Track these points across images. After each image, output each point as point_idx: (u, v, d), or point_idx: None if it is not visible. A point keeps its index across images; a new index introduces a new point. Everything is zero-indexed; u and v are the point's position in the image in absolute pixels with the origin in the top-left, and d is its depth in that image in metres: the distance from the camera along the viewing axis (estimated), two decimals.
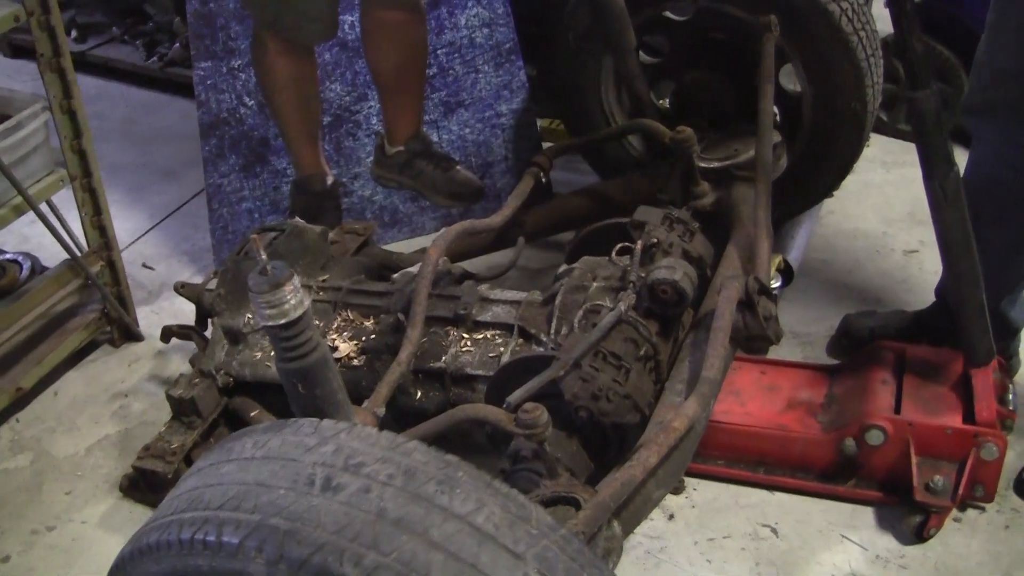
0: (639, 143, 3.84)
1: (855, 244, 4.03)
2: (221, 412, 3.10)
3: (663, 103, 3.84)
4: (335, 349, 3.02)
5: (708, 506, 2.95)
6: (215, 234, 4.01)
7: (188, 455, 3.00)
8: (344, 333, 3.08)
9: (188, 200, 4.62)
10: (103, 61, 5.79)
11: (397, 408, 2.87)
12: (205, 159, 3.97)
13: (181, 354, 3.64)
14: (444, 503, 1.64)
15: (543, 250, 3.91)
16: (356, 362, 2.99)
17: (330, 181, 3.91)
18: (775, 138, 3.24)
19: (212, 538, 1.66)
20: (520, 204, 3.31)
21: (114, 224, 3.60)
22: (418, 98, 3.97)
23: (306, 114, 3.76)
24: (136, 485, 3.10)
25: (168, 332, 3.34)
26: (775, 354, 3.11)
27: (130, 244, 4.33)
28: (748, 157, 3.19)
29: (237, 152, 3.97)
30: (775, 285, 3.48)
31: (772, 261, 3.45)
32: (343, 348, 3.02)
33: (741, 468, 2.99)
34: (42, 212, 3.28)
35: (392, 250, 3.66)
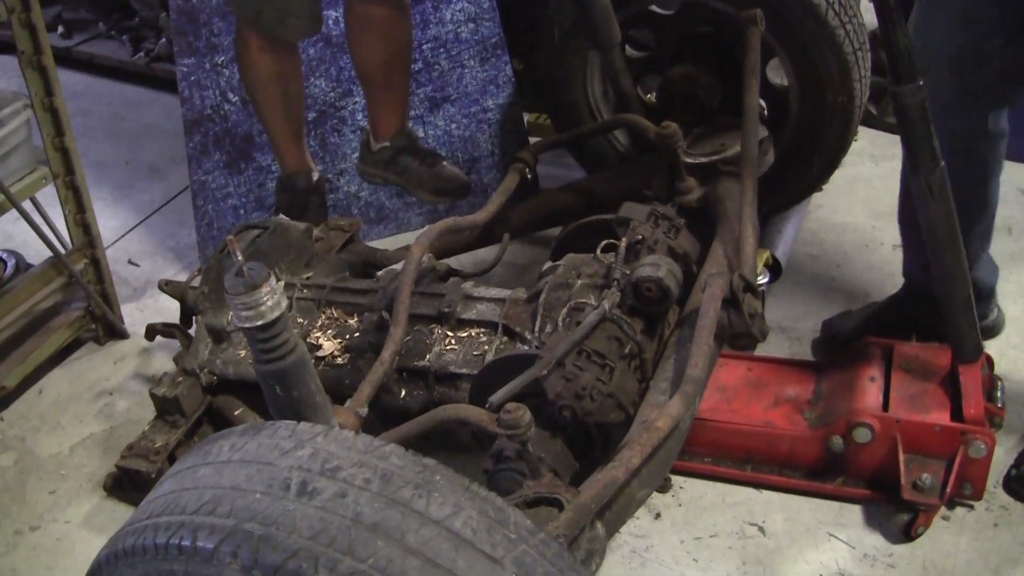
0: (625, 138, 3.82)
1: (843, 238, 4.01)
2: (205, 411, 3.09)
3: (650, 98, 3.81)
4: (319, 347, 3.01)
5: (695, 504, 2.94)
6: (200, 231, 3.99)
7: (172, 454, 2.98)
8: (328, 331, 3.06)
9: (173, 197, 4.60)
10: (89, 57, 5.77)
11: (381, 407, 2.85)
12: (189, 156, 3.94)
13: (166, 352, 3.62)
14: (421, 508, 1.63)
15: (529, 246, 3.89)
16: (340, 360, 2.98)
17: (315, 177, 3.89)
18: (761, 133, 3.22)
19: (187, 543, 1.64)
20: (505, 200, 3.29)
21: (99, 221, 3.58)
22: (403, 94, 3.96)
23: (290, 110, 3.75)
24: (120, 484, 3.09)
25: (152, 330, 3.32)
26: (762, 350, 3.11)
27: (115, 241, 4.31)
28: (734, 152, 3.16)
29: (221, 149, 3.95)
30: (762, 281, 3.46)
31: (759, 256, 3.44)
32: (327, 346, 3.01)
33: (728, 466, 2.97)
34: (24, 210, 3.26)
35: (377, 247, 3.64)
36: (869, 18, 3.14)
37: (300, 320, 3.11)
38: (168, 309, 3.68)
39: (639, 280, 2.61)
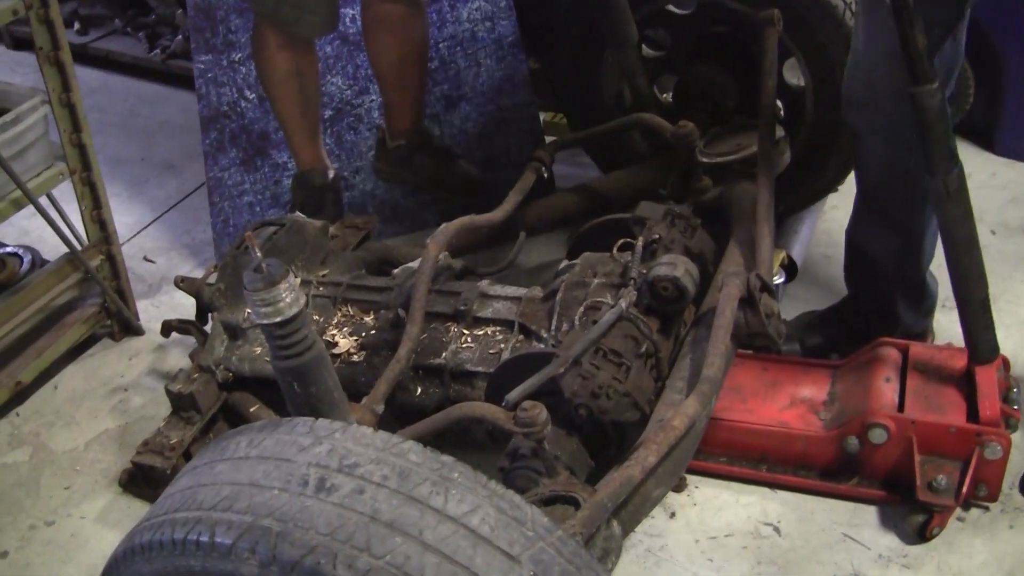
0: (642, 137, 3.81)
1: None
2: (220, 407, 3.09)
3: (666, 97, 3.81)
4: (335, 345, 3.01)
5: (709, 504, 2.93)
6: (216, 228, 3.99)
7: (187, 450, 2.98)
8: (344, 328, 3.06)
9: (189, 194, 4.60)
10: (105, 53, 5.76)
11: (396, 405, 2.85)
12: (205, 153, 3.94)
13: (181, 348, 3.63)
14: (439, 505, 1.64)
15: (545, 244, 3.88)
16: (355, 358, 2.98)
17: (331, 175, 3.89)
18: (778, 133, 3.22)
19: (205, 539, 1.65)
20: (521, 199, 3.29)
21: (115, 218, 3.59)
22: (419, 92, 3.95)
23: (306, 108, 3.75)
24: (135, 480, 3.09)
25: (167, 326, 3.32)
26: None
27: (131, 238, 4.32)
28: (750, 152, 3.16)
29: (237, 146, 3.95)
30: (778, 281, 3.46)
31: (775, 256, 3.43)
32: (342, 344, 3.01)
33: (743, 466, 2.96)
34: (41, 206, 3.26)
35: (392, 244, 3.64)
36: None
37: (316, 317, 3.12)
38: (183, 306, 3.69)
39: (656, 279, 2.61)
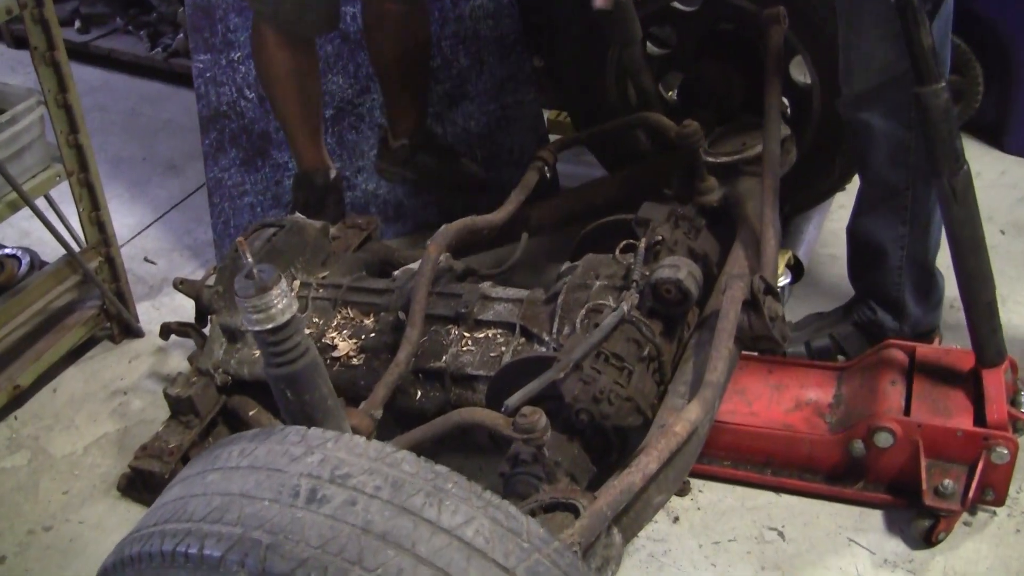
0: (646, 136, 3.77)
1: None
2: (219, 411, 3.06)
3: (671, 95, 3.77)
4: (334, 347, 2.98)
5: (713, 508, 2.90)
6: (216, 229, 3.97)
7: (186, 455, 2.96)
8: (343, 331, 3.03)
9: (191, 193, 4.58)
10: (106, 52, 5.74)
11: (397, 409, 2.83)
12: (205, 153, 3.92)
13: (182, 351, 3.60)
14: (432, 516, 1.61)
15: (548, 244, 3.85)
16: (355, 361, 2.95)
17: (332, 175, 3.86)
18: (784, 132, 3.18)
19: (194, 551, 1.63)
20: (523, 200, 3.25)
21: (116, 218, 3.56)
22: (422, 90, 3.92)
23: (307, 107, 3.71)
24: (134, 485, 3.06)
25: (167, 329, 3.30)
26: None
27: (132, 238, 4.29)
28: (756, 152, 3.12)
29: (238, 146, 3.93)
30: (784, 281, 3.42)
31: (781, 256, 3.40)
32: (342, 347, 2.98)
33: (747, 469, 2.93)
34: (37, 208, 3.23)
35: (394, 245, 3.62)
36: None
37: (316, 320, 3.09)
38: (184, 308, 3.66)
39: (658, 282, 2.58)
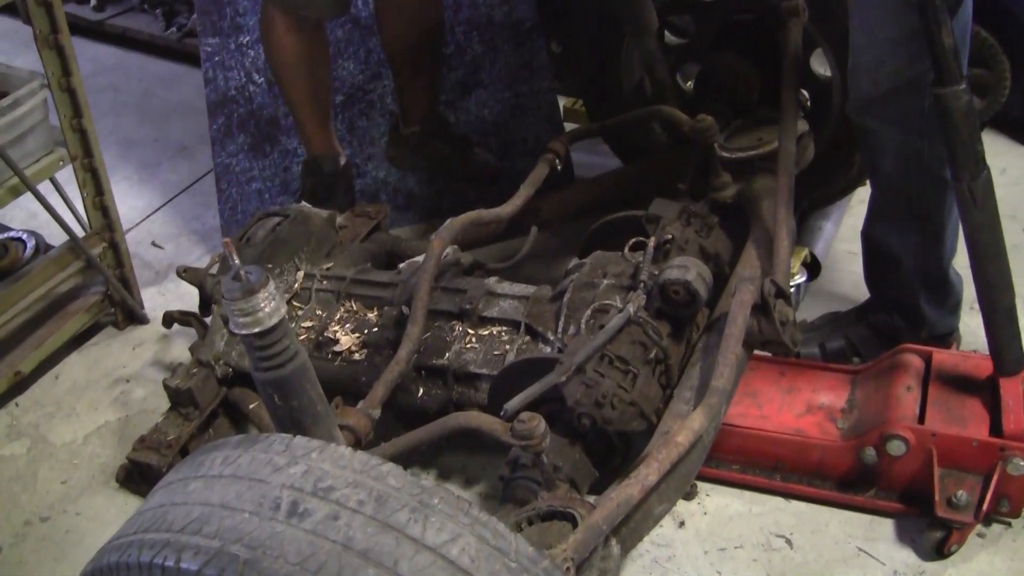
0: (662, 128, 3.70)
1: None
2: (220, 403, 3.02)
3: (690, 86, 3.70)
4: (336, 341, 2.93)
5: (720, 513, 2.83)
6: (223, 215, 3.92)
7: (184, 447, 2.92)
8: (346, 325, 2.98)
9: (201, 177, 4.53)
10: (121, 31, 5.71)
11: (398, 406, 2.78)
12: (213, 138, 3.87)
13: (185, 339, 3.55)
14: (416, 533, 1.55)
15: (562, 236, 3.78)
16: (357, 356, 2.90)
17: (342, 162, 3.80)
18: (802, 127, 3.10)
19: (171, 563, 1.58)
20: (532, 193, 3.18)
21: (125, 201, 3.53)
22: (434, 77, 3.85)
23: (317, 93, 3.65)
24: (132, 476, 3.02)
25: (169, 318, 3.26)
26: None
27: (140, 222, 4.25)
28: (772, 148, 3.04)
29: (246, 131, 3.88)
30: (800, 279, 3.35)
31: (797, 254, 3.34)
32: (344, 341, 2.93)
33: (756, 474, 2.86)
34: (39, 193, 3.19)
35: (403, 236, 3.56)
36: None
37: (319, 312, 3.04)
38: (190, 295, 3.60)
39: (666, 282, 2.52)
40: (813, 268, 3.54)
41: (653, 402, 2.45)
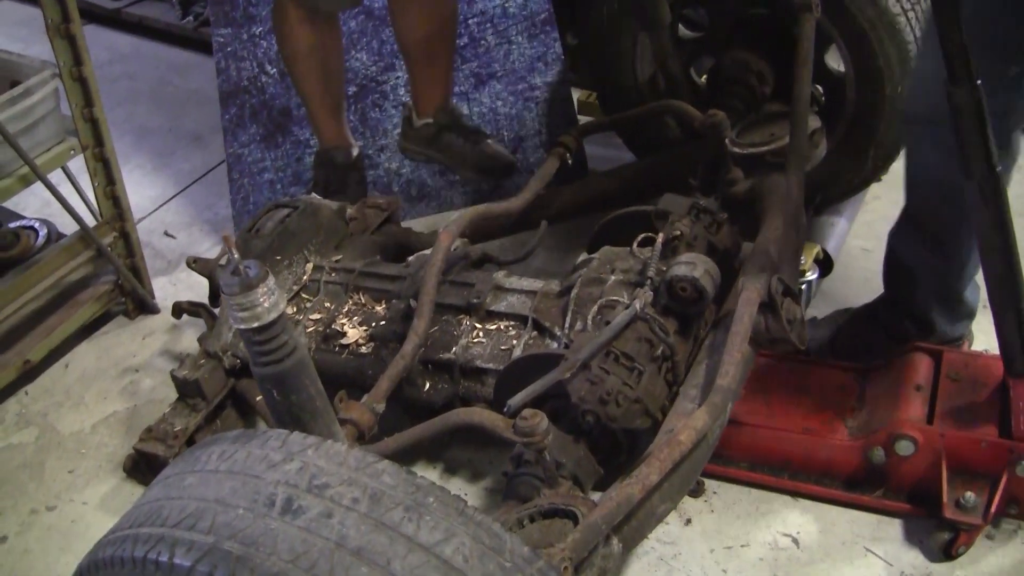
0: (675, 122, 3.68)
1: None
2: (227, 394, 3.01)
3: (703, 80, 3.68)
4: (343, 334, 2.93)
5: (727, 511, 2.82)
6: (235, 205, 3.91)
7: (191, 438, 2.91)
8: (354, 318, 2.97)
9: (214, 167, 4.52)
10: (137, 19, 5.72)
11: (404, 400, 2.76)
12: (225, 128, 3.87)
13: (196, 329, 3.53)
14: (410, 532, 1.54)
15: (574, 228, 3.76)
16: (364, 349, 2.89)
17: (354, 153, 3.80)
18: (814, 123, 3.08)
19: (164, 559, 1.57)
20: (542, 187, 3.17)
21: (138, 190, 3.53)
22: (447, 69, 3.84)
23: (329, 84, 3.65)
24: (139, 467, 3.02)
25: (178, 308, 3.25)
26: None
27: (153, 211, 4.25)
28: (784, 143, 3.02)
29: (258, 121, 3.87)
30: (811, 276, 3.32)
31: (809, 250, 3.31)
32: (352, 334, 2.92)
33: (764, 472, 2.85)
34: (49, 182, 3.19)
35: (415, 228, 3.54)
36: None
37: (327, 304, 3.03)
38: (201, 284, 3.58)
39: (673, 279, 2.50)
40: (825, 264, 3.51)
41: (658, 399, 2.43)
